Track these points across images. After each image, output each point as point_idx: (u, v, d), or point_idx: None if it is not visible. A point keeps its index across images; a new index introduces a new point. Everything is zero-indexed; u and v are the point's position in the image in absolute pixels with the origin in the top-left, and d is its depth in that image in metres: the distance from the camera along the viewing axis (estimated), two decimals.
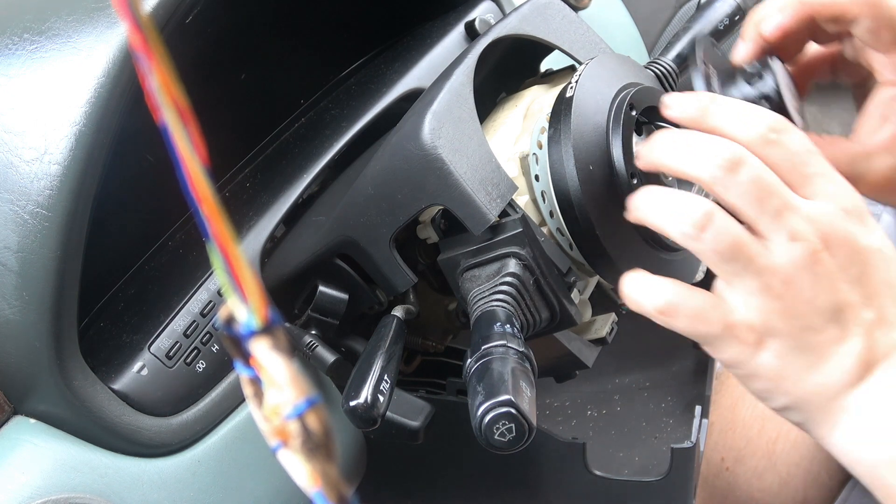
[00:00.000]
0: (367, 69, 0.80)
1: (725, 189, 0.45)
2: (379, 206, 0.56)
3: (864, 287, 0.46)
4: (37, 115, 0.50)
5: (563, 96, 0.55)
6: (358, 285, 0.61)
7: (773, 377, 0.46)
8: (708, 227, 0.45)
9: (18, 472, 0.49)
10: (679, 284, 0.47)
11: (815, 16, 0.55)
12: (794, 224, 0.45)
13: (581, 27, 0.66)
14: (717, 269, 0.46)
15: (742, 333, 0.46)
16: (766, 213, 0.45)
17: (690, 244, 0.46)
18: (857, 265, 0.46)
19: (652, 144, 0.49)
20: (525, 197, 0.57)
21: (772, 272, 0.45)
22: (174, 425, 0.56)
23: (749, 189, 0.45)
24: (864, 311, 0.46)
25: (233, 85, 0.74)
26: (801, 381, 0.46)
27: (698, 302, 0.46)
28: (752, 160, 0.45)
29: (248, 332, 0.22)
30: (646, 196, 0.48)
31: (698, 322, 0.46)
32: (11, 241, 0.49)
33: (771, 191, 0.45)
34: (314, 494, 0.22)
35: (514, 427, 0.44)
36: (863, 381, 0.46)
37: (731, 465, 0.81)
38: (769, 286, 0.45)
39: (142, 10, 0.20)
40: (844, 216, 0.46)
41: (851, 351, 0.45)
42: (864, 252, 0.46)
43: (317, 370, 0.61)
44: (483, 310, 0.52)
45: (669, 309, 0.47)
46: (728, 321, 0.46)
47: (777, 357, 0.46)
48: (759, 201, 0.45)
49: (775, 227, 0.45)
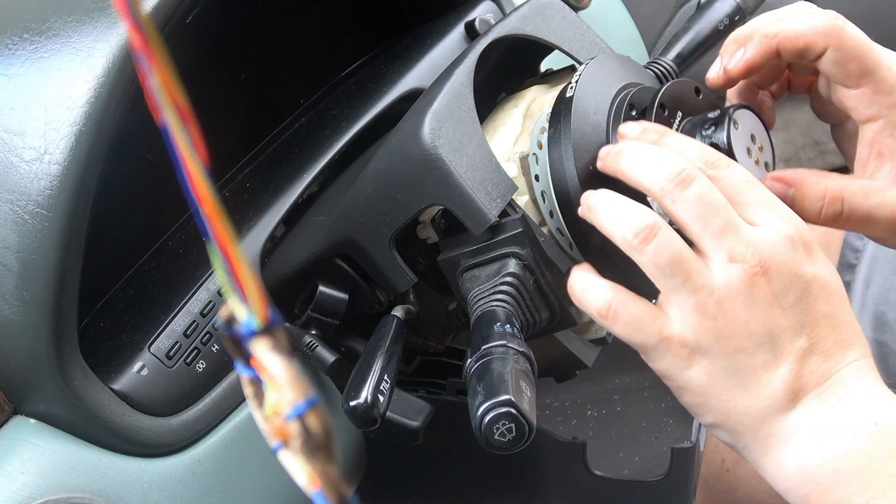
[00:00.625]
0: (367, 69, 0.80)
1: (673, 203, 0.46)
2: (379, 206, 0.56)
3: (801, 315, 0.46)
4: (37, 115, 0.50)
5: (563, 96, 0.55)
6: (358, 285, 0.61)
7: (701, 393, 0.47)
8: (651, 239, 0.46)
9: (18, 472, 0.49)
10: (622, 291, 0.48)
11: (780, 50, 0.54)
12: (734, 246, 0.45)
13: (581, 27, 0.66)
14: (657, 282, 0.47)
15: (675, 347, 0.46)
16: (708, 232, 0.46)
17: (632, 254, 0.47)
18: (795, 293, 0.46)
19: (614, 150, 0.50)
20: (525, 197, 0.57)
21: (708, 291, 0.46)
22: (174, 425, 0.56)
23: (694, 205, 0.46)
24: (797, 338, 0.46)
25: (233, 85, 0.74)
26: (729, 401, 0.46)
27: (637, 311, 0.47)
28: (702, 179, 0.46)
29: (248, 332, 0.22)
30: (600, 198, 0.49)
31: (635, 330, 0.47)
32: (11, 241, 0.49)
33: (716, 210, 0.46)
34: (314, 494, 0.22)
35: (514, 427, 0.44)
36: (793, 409, 0.46)
37: (731, 466, 0.81)
38: (704, 305, 0.46)
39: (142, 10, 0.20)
40: (787, 243, 0.46)
41: (780, 377, 0.46)
42: (803, 280, 0.46)
43: (317, 370, 0.61)
44: (483, 310, 0.52)
45: (609, 313, 0.48)
46: (664, 333, 0.47)
47: (706, 374, 0.46)
48: (704, 218, 0.46)
49: (716, 247, 0.46)
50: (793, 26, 0.53)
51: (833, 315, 0.47)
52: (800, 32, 0.53)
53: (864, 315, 0.79)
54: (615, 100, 0.55)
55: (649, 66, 0.63)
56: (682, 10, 1.22)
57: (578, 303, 0.50)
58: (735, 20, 0.65)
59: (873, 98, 0.53)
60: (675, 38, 0.65)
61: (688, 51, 0.64)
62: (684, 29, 0.65)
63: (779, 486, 0.47)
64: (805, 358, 0.46)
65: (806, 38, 0.53)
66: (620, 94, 0.56)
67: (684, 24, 0.65)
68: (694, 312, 0.46)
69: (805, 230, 0.47)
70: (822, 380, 0.46)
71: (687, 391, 0.48)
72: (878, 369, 0.51)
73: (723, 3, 0.65)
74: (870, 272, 0.81)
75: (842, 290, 0.48)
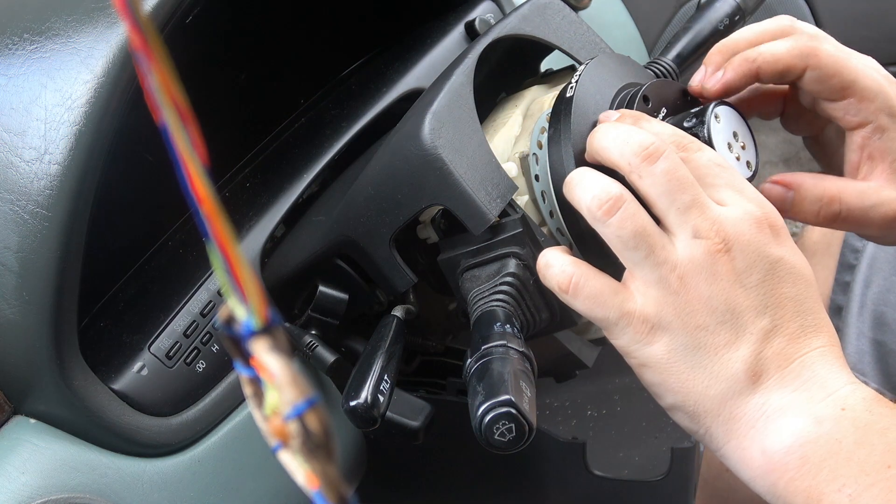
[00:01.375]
0: (367, 69, 0.80)
1: (640, 178, 0.47)
2: (379, 206, 0.56)
3: (765, 296, 0.46)
4: (37, 115, 0.50)
5: (563, 96, 0.55)
6: (358, 285, 0.61)
7: (661, 371, 0.47)
8: (614, 211, 0.46)
9: (18, 472, 0.49)
10: (583, 265, 0.49)
11: (760, 74, 0.55)
12: (699, 223, 0.46)
13: (581, 27, 0.66)
14: (620, 255, 0.47)
15: (636, 323, 0.46)
16: (674, 207, 0.46)
17: (596, 225, 0.47)
18: (759, 272, 0.46)
19: (592, 134, 0.51)
20: (525, 197, 0.57)
21: (671, 266, 0.46)
22: (174, 425, 0.56)
23: (661, 181, 0.46)
24: (760, 318, 0.45)
25: (233, 85, 0.74)
26: (689, 380, 0.46)
27: (599, 285, 0.48)
28: (670, 155, 0.47)
29: (248, 332, 0.22)
30: (575, 173, 0.50)
31: (596, 305, 0.48)
32: (11, 241, 0.49)
33: (683, 186, 0.46)
34: (314, 494, 0.22)
35: (514, 427, 0.44)
36: (755, 392, 0.45)
37: None
38: (666, 279, 0.46)
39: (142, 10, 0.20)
40: (753, 223, 0.46)
41: (741, 356, 0.45)
42: (768, 261, 0.46)
43: (317, 370, 0.61)
44: (483, 310, 0.52)
45: (571, 287, 0.48)
46: (625, 308, 0.47)
47: (666, 351, 0.46)
48: (670, 194, 0.46)
49: (681, 223, 0.46)
50: (771, 50, 0.55)
51: (799, 300, 0.46)
52: (778, 56, 0.55)
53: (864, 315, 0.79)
54: (615, 100, 0.56)
55: (649, 66, 0.63)
56: (682, 10, 1.22)
57: (543, 278, 0.50)
58: (735, 20, 0.65)
59: (859, 106, 0.54)
60: (675, 38, 0.65)
61: (688, 51, 0.64)
62: (684, 29, 0.65)
63: (744, 474, 0.46)
64: (767, 339, 0.45)
65: (784, 61, 0.55)
66: (620, 94, 0.56)
67: (684, 24, 0.66)
68: (656, 287, 0.46)
69: (773, 214, 0.47)
70: (786, 363, 0.45)
71: (647, 368, 0.47)
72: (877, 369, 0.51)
73: (723, 3, 0.65)
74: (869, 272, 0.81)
75: (810, 277, 0.47)
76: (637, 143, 0.47)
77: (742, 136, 0.54)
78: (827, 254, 0.84)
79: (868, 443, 0.43)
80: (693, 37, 0.64)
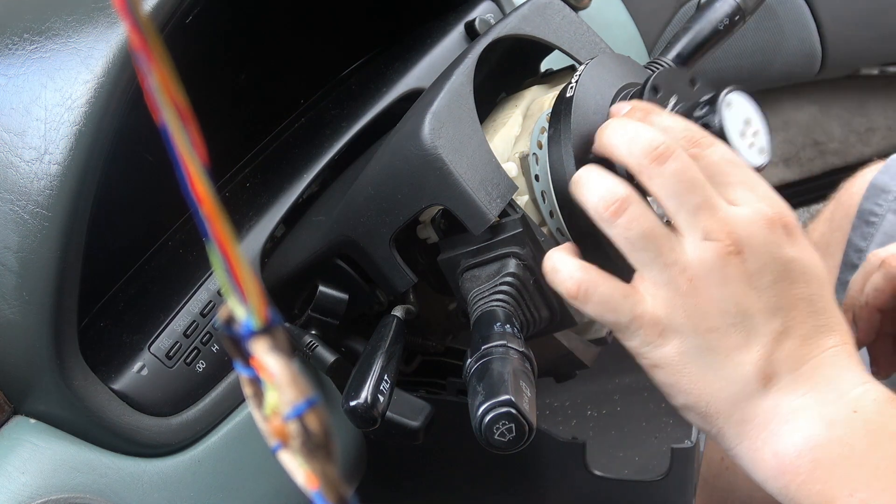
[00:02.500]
0: (367, 69, 0.80)
1: (650, 178, 0.46)
2: (379, 206, 0.56)
3: (777, 298, 0.45)
4: (37, 115, 0.50)
5: (563, 96, 0.55)
6: (358, 285, 0.61)
7: (672, 373, 0.46)
8: (622, 212, 0.46)
9: (18, 472, 0.49)
10: (594, 270, 0.48)
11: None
12: (709, 224, 0.45)
13: (581, 27, 0.66)
14: (629, 257, 0.47)
15: (647, 325, 0.46)
16: (684, 209, 0.45)
17: (604, 226, 0.47)
18: (771, 274, 0.45)
19: (601, 127, 0.50)
20: (525, 197, 0.57)
21: (680, 268, 0.45)
22: (174, 425, 0.56)
23: (670, 182, 0.45)
24: (772, 320, 0.45)
25: (233, 85, 0.74)
26: (700, 381, 0.46)
27: (608, 289, 0.47)
28: (680, 155, 0.46)
29: (248, 332, 0.22)
30: (582, 172, 0.49)
31: (607, 309, 0.47)
32: (11, 241, 0.49)
33: (692, 187, 0.45)
34: (314, 494, 0.22)
35: (514, 427, 0.44)
36: (767, 394, 0.45)
37: (731, 464, 0.81)
38: (676, 281, 0.45)
39: (142, 10, 0.20)
40: (765, 224, 0.45)
41: (752, 359, 0.45)
42: (781, 262, 0.45)
43: (317, 370, 0.61)
44: (483, 310, 0.52)
45: (581, 294, 0.48)
46: (636, 311, 0.46)
47: (678, 353, 0.46)
48: (679, 195, 0.45)
49: (691, 224, 0.45)
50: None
51: (812, 300, 0.46)
52: None
53: None
54: (615, 100, 0.55)
55: (649, 66, 0.63)
56: (682, 10, 1.22)
57: (550, 283, 0.49)
58: (735, 20, 0.65)
59: None
60: (675, 38, 0.65)
61: (688, 51, 0.64)
62: (684, 29, 0.65)
63: (757, 475, 0.46)
64: (779, 341, 0.45)
65: None
66: (620, 94, 0.56)
67: (684, 24, 0.65)
68: (665, 288, 0.45)
69: (786, 212, 0.47)
70: (798, 365, 0.45)
71: (659, 369, 0.47)
72: None
73: (723, 3, 0.65)
74: None
75: (823, 275, 0.47)
76: (646, 141, 0.46)
77: (755, 121, 0.54)
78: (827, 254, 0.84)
79: (880, 446, 0.43)
80: (693, 37, 0.64)
